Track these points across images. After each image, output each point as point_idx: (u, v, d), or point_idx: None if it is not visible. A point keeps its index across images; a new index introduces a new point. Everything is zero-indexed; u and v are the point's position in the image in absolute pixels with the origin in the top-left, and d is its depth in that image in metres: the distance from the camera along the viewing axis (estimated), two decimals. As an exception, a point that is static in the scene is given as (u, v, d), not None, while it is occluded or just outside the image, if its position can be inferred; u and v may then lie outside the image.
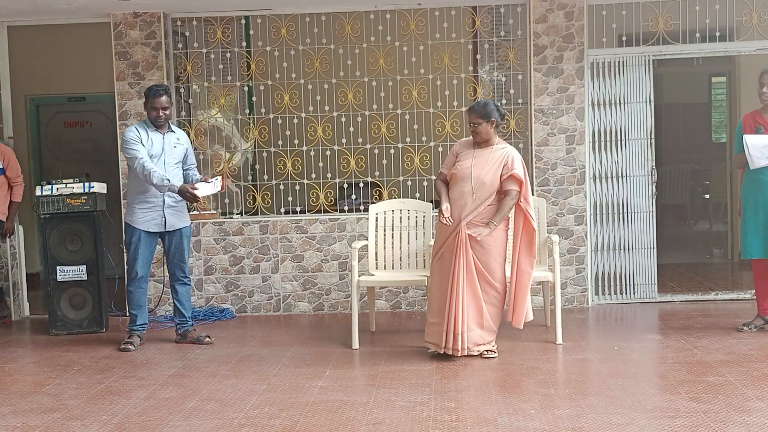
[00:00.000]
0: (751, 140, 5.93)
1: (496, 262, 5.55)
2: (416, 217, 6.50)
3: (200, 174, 6.44)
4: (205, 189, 6.16)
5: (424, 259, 6.35)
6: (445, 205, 5.58)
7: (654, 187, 7.31)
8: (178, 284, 6.36)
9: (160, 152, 6.15)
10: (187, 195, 6.02)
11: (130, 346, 6.15)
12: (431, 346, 5.64)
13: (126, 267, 6.27)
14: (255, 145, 7.63)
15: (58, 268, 6.81)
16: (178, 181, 6.12)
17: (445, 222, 5.52)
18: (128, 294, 6.27)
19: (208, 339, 6.32)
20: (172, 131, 6.29)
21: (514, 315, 5.67)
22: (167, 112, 6.18)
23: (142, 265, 6.20)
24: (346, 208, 7.63)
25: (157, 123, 6.14)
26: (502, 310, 5.66)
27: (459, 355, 5.50)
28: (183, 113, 7.58)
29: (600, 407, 4.50)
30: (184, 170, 6.33)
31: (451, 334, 5.48)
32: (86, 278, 6.83)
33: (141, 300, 6.28)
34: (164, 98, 6.12)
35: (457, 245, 5.48)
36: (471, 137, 5.69)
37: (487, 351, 5.59)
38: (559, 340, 5.94)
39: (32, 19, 7.57)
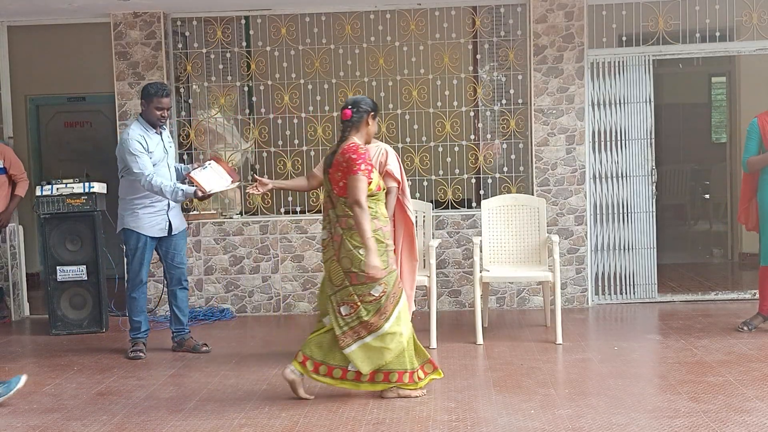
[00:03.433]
0: None
1: (393, 262, 5.51)
2: (416, 216, 6.49)
3: (183, 164, 6.23)
4: (209, 180, 5.82)
5: (424, 260, 6.35)
6: (276, 183, 5.45)
7: (654, 187, 7.31)
8: (179, 289, 6.12)
9: (162, 155, 5.93)
10: (199, 196, 5.74)
11: (140, 354, 5.93)
12: None
13: (129, 274, 6.00)
14: (255, 145, 7.63)
15: (58, 268, 6.81)
16: (173, 182, 5.91)
17: (255, 190, 5.30)
18: (132, 301, 6.01)
19: (205, 347, 6.08)
20: (164, 129, 6.06)
21: None
22: (168, 114, 5.98)
23: (146, 271, 6.00)
24: (346, 208, 7.61)
25: (157, 123, 5.90)
26: None
27: None
28: (183, 113, 7.58)
29: (600, 407, 4.50)
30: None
31: None
32: (86, 278, 6.83)
33: (143, 306, 6.09)
34: (168, 99, 5.91)
35: None
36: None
37: None
38: (559, 340, 5.94)
39: (32, 19, 7.57)
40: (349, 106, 4.79)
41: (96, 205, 6.79)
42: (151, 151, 5.83)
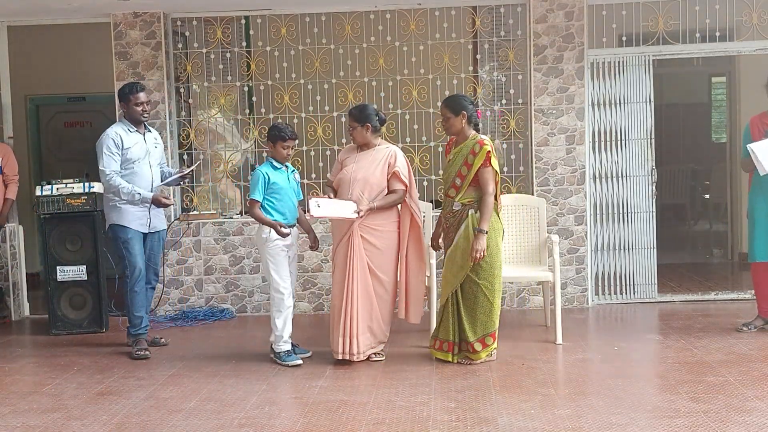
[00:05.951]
0: (756, 147, 5.87)
1: (390, 261, 5.57)
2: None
3: (171, 168, 6.34)
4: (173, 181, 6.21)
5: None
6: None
7: (654, 187, 7.30)
8: (147, 287, 6.20)
9: (144, 154, 6.05)
10: (161, 203, 5.99)
11: (147, 353, 5.91)
12: (334, 354, 5.63)
13: (128, 268, 6.00)
14: (255, 145, 7.62)
15: (58, 268, 6.81)
16: (131, 185, 5.96)
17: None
18: (133, 295, 6.00)
19: (163, 340, 6.24)
20: (149, 131, 6.23)
21: (409, 312, 5.69)
22: (149, 107, 6.16)
23: (142, 261, 6.04)
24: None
25: (141, 119, 6.06)
26: (393, 308, 5.68)
27: (356, 359, 5.51)
28: (183, 113, 7.58)
29: (600, 407, 4.50)
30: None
31: (347, 338, 5.49)
32: (86, 278, 6.82)
33: (143, 300, 6.09)
34: (144, 93, 6.09)
35: (351, 249, 5.47)
36: (353, 144, 5.72)
37: (375, 354, 5.63)
38: (559, 340, 5.94)
39: (32, 19, 7.57)
40: None
41: (96, 205, 6.79)
42: (127, 148, 5.99)
